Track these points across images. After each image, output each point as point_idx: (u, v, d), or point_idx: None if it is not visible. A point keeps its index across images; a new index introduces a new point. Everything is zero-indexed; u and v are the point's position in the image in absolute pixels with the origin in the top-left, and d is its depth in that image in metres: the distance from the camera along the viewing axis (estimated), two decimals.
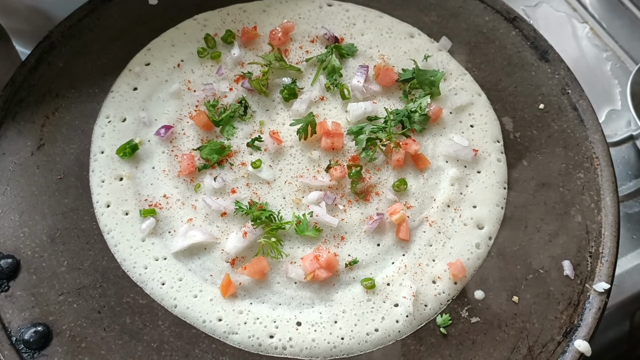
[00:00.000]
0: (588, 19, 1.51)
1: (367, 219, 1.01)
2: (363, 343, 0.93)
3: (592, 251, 1.01)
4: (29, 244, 0.99)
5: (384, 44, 1.18)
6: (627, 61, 1.45)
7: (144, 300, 0.96)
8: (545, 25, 1.49)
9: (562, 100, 1.13)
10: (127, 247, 0.99)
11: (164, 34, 1.18)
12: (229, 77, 1.14)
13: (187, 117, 1.10)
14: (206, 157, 1.05)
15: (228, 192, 1.03)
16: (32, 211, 1.01)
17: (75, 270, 0.97)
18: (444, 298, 0.97)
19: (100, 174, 1.05)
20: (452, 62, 1.17)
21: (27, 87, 1.12)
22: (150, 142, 1.08)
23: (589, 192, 1.05)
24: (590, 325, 0.95)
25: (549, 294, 0.97)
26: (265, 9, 1.22)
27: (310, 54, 1.16)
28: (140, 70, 1.14)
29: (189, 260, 0.98)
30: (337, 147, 1.06)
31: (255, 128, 1.09)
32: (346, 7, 1.22)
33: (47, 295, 0.95)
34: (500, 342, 0.94)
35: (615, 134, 1.36)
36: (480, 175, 1.06)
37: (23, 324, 0.93)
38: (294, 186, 1.04)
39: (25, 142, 1.07)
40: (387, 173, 1.05)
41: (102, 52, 1.16)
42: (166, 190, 1.03)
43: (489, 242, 1.01)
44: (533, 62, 1.17)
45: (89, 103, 1.11)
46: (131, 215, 1.01)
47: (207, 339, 0.94)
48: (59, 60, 1.15)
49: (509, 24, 1.21)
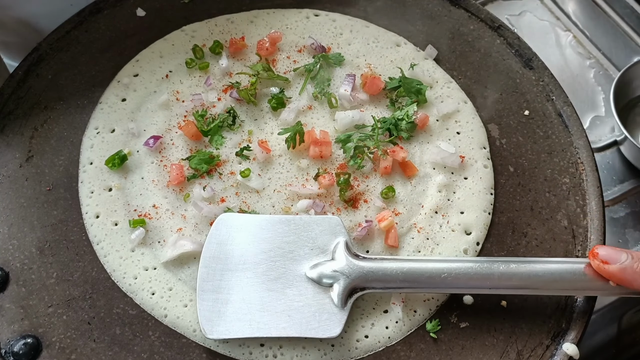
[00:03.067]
0: (571, 27, 1.54)
1: (356, 226, 1.02)
2: (353, 350, 0.94)
3: (579, 255, 1.02)
4: (18, 256, 0.99)
5: (371, 53, 1.20)
6: (610, 68, 1.48)
7: (134, 311, 0.96)
8: (529, 33, 1.51)
9: (546, 106, 1.15)
10: (116, 257, 0.99)
11: (152, 46, 1.19)
12: (217, 87, 1.15)
13: (175, 127, 1.10)
14: (195, 167, 1.06)
15: (217, 201, 1.03)
16: (21, 223, 1.01)
17: (64, 282, 0.97)
18: (433, 304, 0.97)
19: (89, 185, 1.05)
20: (438, 70, 1.19)
21: (15, 99, 1.12)
22: (139, 153, 1.08)
23: (575, 197, 1.06)
24: (578, 328, 0.96)
25: (536, 298, 0.98)
26: (253, 19, 1.23)
27: (298, 64, 1.18)
28: (129, 81, 1.15)
29: (178, 269, 0.98)
30: (326, 155, 1.07)
31: (244, 137, 1.10)
32: (333, 17, 1.24)
33: (37, 307, 0.95)
34: (490, 346, 0.95)
35: (600, 140, 1.37)
36: (467, 182, 1.07)
37: (12, 336, 0.93)
38: (283, 195, 1.04)
39: (14, 154, 1.07)
40: (375, 180, 1.06)
41: (91, 64, 1.17)
42: (155, 201, 1.03)
43: (476, 247, 1.02)
44: (518, 70, 1.19)
45: (78, 115, 1.12)
46: (120, 225, 1.02)
47: (198, 348, 0.94)
48: (48, 72, 1.15)
49: (494, 32, 1.23)
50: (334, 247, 0.94)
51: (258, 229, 0.96)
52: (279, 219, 0.98)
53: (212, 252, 0.95)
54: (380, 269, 0.91)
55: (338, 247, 0.94)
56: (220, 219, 0.97)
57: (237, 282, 0.93)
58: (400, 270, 0.90)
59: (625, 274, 0.83)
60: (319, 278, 0.92)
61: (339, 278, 0.91)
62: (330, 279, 0.91)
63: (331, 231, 0.96)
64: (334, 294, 0.91)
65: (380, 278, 0.90)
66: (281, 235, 0.96)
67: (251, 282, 0.92)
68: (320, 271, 0.92)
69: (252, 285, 0.92)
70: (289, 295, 0.92)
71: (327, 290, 0.91)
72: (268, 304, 0.91)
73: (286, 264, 0.93)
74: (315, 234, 0.95)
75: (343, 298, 0.90)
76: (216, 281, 0.93)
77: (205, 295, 0.92)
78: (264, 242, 0.95)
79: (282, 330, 0.90)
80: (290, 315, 0.91)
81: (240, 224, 0.97)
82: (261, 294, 0.92)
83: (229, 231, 0.96)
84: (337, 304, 0.91)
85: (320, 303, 0.91)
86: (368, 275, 0.90)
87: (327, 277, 0.91)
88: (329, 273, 0.91)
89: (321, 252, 0.94)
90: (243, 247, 0.95)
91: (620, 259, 0.84)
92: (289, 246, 0.94)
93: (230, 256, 0.94)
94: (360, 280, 0.91)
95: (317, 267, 0.92)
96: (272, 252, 0.94)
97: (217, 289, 0.92)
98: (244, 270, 0.93)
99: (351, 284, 0.91)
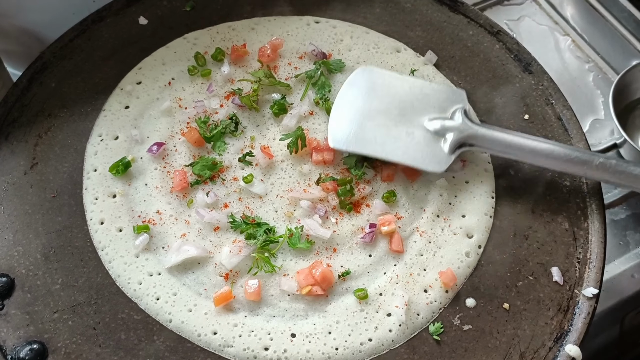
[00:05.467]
0: (570, 31, 1.55)
1: (359, 230, 1.03)
2: (357, 353, 0.94)
3: (580, 257, 1.02)
4: (23, 263, 0.99)
5: (371, 59, 1.21)
6: (609, 72, 1.48)
7: (138, 316, 0.96)
8: (528, 38, 1.52)
9: (546, 110, 1.16)
10: (121, 263, 1.00)
11: (155, 53, 1.20)
12: (220, 93, 1.16)
13: (178, 134, 1.11)
14: (198, 173, 1.06)
15: (220, 206, 1.04)
16: (26, 230, 1.02)
17: (69, 288, 0.98)
18: (436, 306, 0.98)
19: (93, 191, 1.06)
20: (438, 76, 1.20)
21: (19, 107, 1.13)
22: (142, 160, 1.09)
23: (575, 200, 1.07)
24: (580, 330, 0.96)
25: (539, 301, 0.99)
26: (254, 26, 1.24)
27: (299, 70, 1.19)
28: (132, 88, 1.16)
29: (183, 275, 0.99)
30: (328, 160, 1.08)
31: (246, 143, 1.11)
32: (333, 23, 1.25)
33: (42, 313, 0.96)
34: (493, 349, 0.95)
35: (600, 143, 1.38)
36: (468, 185, 1.08)
37: (18, 342, 0.93)
38: (285, 200, 1.05)
39: (19, 161, 1.08)
40: (377, 185, 1.07)
41: (94, 71, 1.18)
42: (159, 207, 1.04)
43: (478, 250, 1.03)
44: (517, 74, 1.20)
45: (82, 122, 1.13)
46: (125, 231, 1.02)
47: (203, 352, 0.94)
48: (51, 81, 1.16)
49: (493, 37, 1.24)
50: (454, 110, 1.08)
51: (392, 86, 1.11)
52: (413, 81, 1.13)
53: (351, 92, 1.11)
54: (490, 134, 1.04)
55: (458, 111, 1.07)
56: (361, 70, 1.14)
57: (367, 114, 1.09)
58: (510, 140, 1.04)
59: None
60: (435, 129, 1.06)
61: (453, 131, 1.05)
62: (445, 131, 1.05)
63: (455, 99, 1.10)
64: (446, 144, 1.05)
65: (488, 140, 1.04)
66: (412, 94, 1.10)
67: (379, 118, 1.08)
68: (437, 123, 1.07)
69: (380, 120, 1.08)
70: (408, 135, 1.07)
71: (439, 139, 1.06)
72: (390, 136, 1.06)
73: (411, 115, 1.08)
74: (441, 98, 1.10)
75: (452, 147, 1.05)
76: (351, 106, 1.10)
77: (339, 111, 1.09)
78: (396, 96, 1.10)
79: (397, 156, 1.05)
80: (407, 149, 1.06)
81: (377, 78, 1.13)
82: (386, 129, 1.07)
83: (369, 80, 1.12)
84: (446, 151, 1.05)
85: (432, 147, 1.06)
86: (478, 135, 1.04)
87: (442, 128, 1.06)
88: (445, 126, 1.06)
89: (442, 112, 1.08)
90: (379, 96, 1.11)
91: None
92: (418, 103, 1.09)
93: (366, 98, 1.10)
94: (471, 137, 1.05)
95: (436, 120, 1.07)
96: (402, 104, 1.09)
97: (350, 110, 1.09)
98: (376, 109, 1.09)
99: (462, 139, 1.05)
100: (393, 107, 1.09)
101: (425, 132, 1.07)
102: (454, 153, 1.05)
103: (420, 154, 1.05)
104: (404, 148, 1.05)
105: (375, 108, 1.09)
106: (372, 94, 1.10)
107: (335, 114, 1.09)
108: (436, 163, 1.05)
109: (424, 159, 1.05)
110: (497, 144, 1.04)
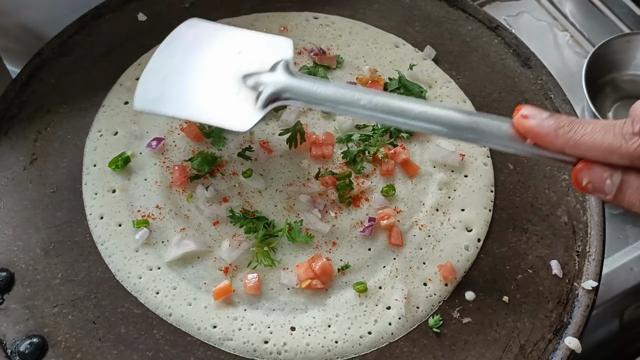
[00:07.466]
0: (568, 27, 1.55)
1: (358, 224, 1.03)
2: (357, 346, 0.94)
3: (579, 250, 1.03)
4: (23, 257, 1.00)
5: (370, 55, 1.21)
6: None
7: (138, 310, 0.96)
8: (527, 34, 1.52)
9: (545, 105, 1.16)
10: (121, 257, 1.00)
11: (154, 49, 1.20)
12: None
13: (178, 129, 1.11)
14: (198, 168, 1.06)
15: (220, 201, 1.04)
16: (25, 225, 1.02)
17: (69, 282, 0.98)
18: (436, 300, 0.98)
19: (93, 186, 1.06)
20: (437, 71, 1.20)
21: (18, 103, 1.13)
22: (142, 155, 1.09)
23: (574, 193, 1.07)
24: (579, 322, 0.96)
25: (538, 293, 0.99)
26: (253, 22, 1.24)
27: (298, 66, 1.19)
28: (131, 84, 1.16)
29: (182, 269, 0.99)
30: (327, 155, 1.08)
31: (246, 138, 1.11)
32: (332, 19, 1.25)
33: (42, 307, 0.96)
34: (492, 341, 0.95)
35: None
36: (467, 179, 1.08)
37: (18, 336, 0.93)
38: (284, 194, 1.05)
39: (18, 157, 1.08)
40: (376, 179, 1.07)
41: (93, 67, 1.18)
42: (159, 201, 1.04)
43: (477, 244, 1.03)
44: (516, 69, 1.20)
45: (81, 118, 1.13)
46: (124, 226, 1.02)
47: (202, 346, 0.94)
48: (50, 77, 1.17)
49: (492, 32, 1.24)
50: (277, 63, 0.96)
51: (216, 40, 1.03)
52: (240, 33, 1.04)
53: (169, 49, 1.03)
54: (303, 84, 0.93)
55: (280, 64, 0.96)
56: (186, 23, 1.05)
57: (183, 71, 0.99)
58: (324, 92, 0.91)
59: (540, 130, 0.79)
60: (251, 84, 0.96)
61: (269, 85, 0.94)
62: (260, 85, 0.95)
63: (280, 52, 0.99)
64: (260, 97, 0.94)
65: (304, 92, 0.92)
66: (235, 47, 1.01)
67: (194, 74, 0.99)
68: (255, 78, 0.96)
69: (195, 77, 0.99)
70: (223, 92, 0.97)
71: (253, 92, 0.95)
72: (201, 94, 0.97)
73: (229, 69, 0.98)
74: (266, 51, 1.00)
75: (265, 102, 0.93)
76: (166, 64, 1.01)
77: (152, 70, 1.00)
78: (217, 50, 1.01)
79: (201, 116, 0.97)
80: (216, 107, 0.96)
81: (202, 32, 1.04)
82: (199, 87, 0.98)
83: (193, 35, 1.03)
84: (259, 105, 0.94)
85: (243, 100, 0.95)
86: (293, 87, 0.93)
87: (257, 83, 0.95)
88: (260, 80, 0.95)
89: (264, 65, 0.97)
90: (199, 51, 1.01)
91: (542, 116, 0.80)
92: (240, 57, 1.00)
93: (184, 54, 1.01)
94: (285, 90, 0.93)
95: (254, 75, 0.96)
96: (222, 59, 1.00)
97: (164, 68, 1.00)
98: (192, 66, 1.00)
99: (278, 93, 0.93)
100: (211, 62, 1.00)
101: (241, 87, 0.97)
102: (266, 108, 0.94)
103: (229, 113, 0.96)
104: (214, 107, 0.97)
105: (192, 65, 1.00)
106: (192, 50, 1.02)
107: (148, 73, 1.00)
108: (244, 121, 0.94)
109: (231, 117, 0.95)
110: (312, 95, 0.92)
